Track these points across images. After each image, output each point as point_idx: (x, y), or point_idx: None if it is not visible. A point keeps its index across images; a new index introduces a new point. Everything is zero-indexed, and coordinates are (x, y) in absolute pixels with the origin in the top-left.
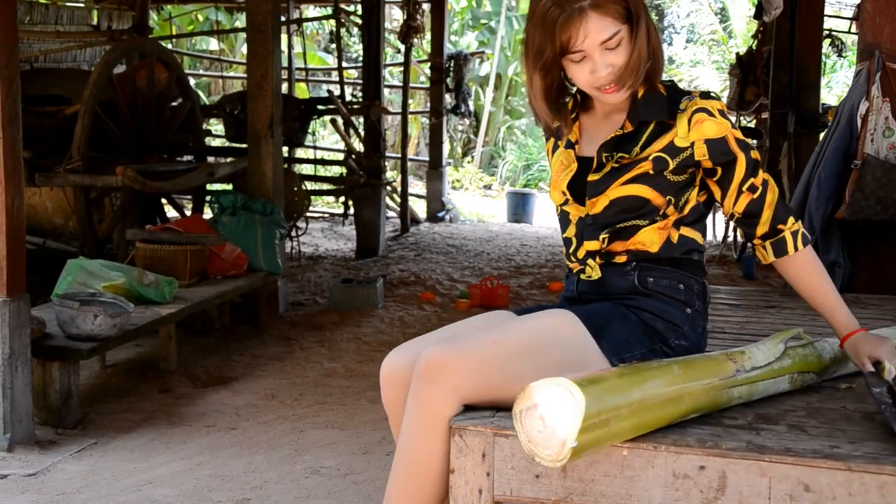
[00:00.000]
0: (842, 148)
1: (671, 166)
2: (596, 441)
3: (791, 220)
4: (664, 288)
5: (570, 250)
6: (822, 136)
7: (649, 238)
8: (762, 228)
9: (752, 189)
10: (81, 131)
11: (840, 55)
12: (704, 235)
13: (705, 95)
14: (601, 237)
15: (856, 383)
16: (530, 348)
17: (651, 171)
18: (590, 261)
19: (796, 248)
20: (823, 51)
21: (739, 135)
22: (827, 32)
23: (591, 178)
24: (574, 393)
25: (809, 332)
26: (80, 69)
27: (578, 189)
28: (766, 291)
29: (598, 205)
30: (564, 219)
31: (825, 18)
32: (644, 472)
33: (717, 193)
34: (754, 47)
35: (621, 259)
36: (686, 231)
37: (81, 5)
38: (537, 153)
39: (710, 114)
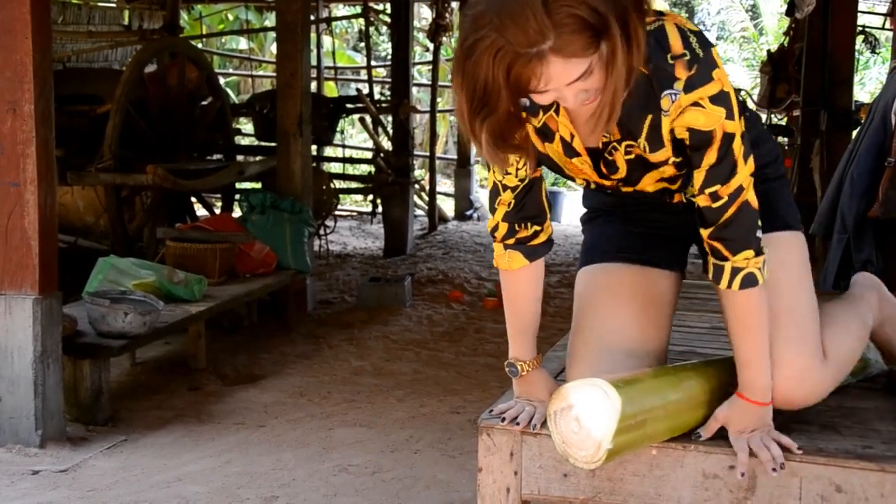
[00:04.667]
0: (875, 145)
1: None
2: (632, 443)
3: (745, 254)
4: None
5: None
6: (854, 133)
7: None
8: (708, 239)
9: (714, 197)
10: (112, 130)
11: (874, 52)
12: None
13: (694, 82)
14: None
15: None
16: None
17: (675, 171)
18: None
19: (730, 286)
20: (857, 47)
21: (732, 128)
22: (860, 29)
23: (615, 176)
24: (609, 394)
25: None
26: (111, 69)
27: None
28: None
29: (644, 188)
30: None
31: (859, 14)
32: (673, 472)
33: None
34: (786, 44)
35: None
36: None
37: (113, 5)
38: None
39: (700, 105)
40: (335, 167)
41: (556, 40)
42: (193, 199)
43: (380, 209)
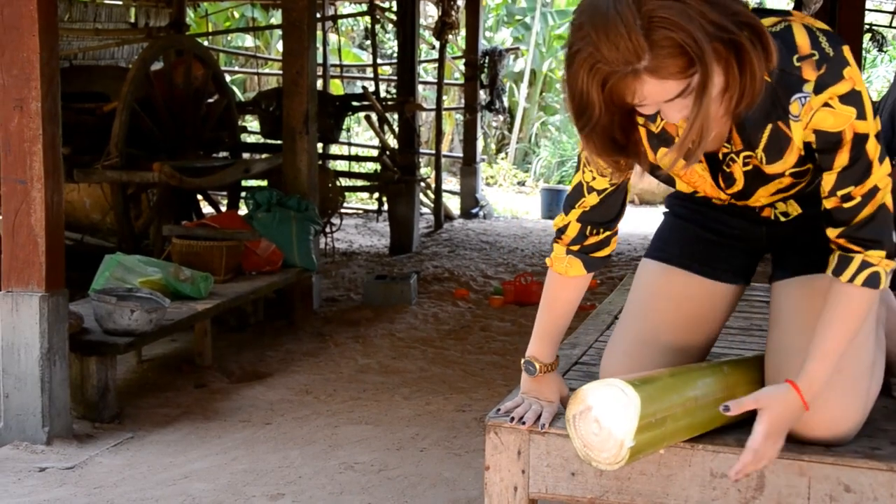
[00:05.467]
0: (882, 144)
1: (807, 168)
2: (653, 441)
3: (879, 252)
4: None
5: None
6: None
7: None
8: (836, 239)
9: (845, 198)
10: (119, 128)
11: (881, 50)
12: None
13: (825, 82)
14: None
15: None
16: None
17: (792, 180)
18: (779, 204)
19: (851, 280)
20: (864, 45)
21: (864, 128)
22: (867, 27)
23: (731, 190)
24: (627, 391)
25: None
26: (118, 66)
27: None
28: None
29: (756, 202)
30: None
31: (866, 13)
32: (681, 471)
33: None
34: None
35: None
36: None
37: (119, 3)
38: (571, 149)
39: (829, 105)
40: (341, 165)
41: (652, 61)
42: (199, 197)
43: (385, 207)
